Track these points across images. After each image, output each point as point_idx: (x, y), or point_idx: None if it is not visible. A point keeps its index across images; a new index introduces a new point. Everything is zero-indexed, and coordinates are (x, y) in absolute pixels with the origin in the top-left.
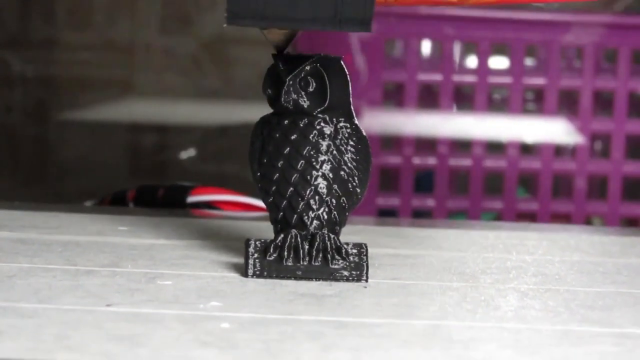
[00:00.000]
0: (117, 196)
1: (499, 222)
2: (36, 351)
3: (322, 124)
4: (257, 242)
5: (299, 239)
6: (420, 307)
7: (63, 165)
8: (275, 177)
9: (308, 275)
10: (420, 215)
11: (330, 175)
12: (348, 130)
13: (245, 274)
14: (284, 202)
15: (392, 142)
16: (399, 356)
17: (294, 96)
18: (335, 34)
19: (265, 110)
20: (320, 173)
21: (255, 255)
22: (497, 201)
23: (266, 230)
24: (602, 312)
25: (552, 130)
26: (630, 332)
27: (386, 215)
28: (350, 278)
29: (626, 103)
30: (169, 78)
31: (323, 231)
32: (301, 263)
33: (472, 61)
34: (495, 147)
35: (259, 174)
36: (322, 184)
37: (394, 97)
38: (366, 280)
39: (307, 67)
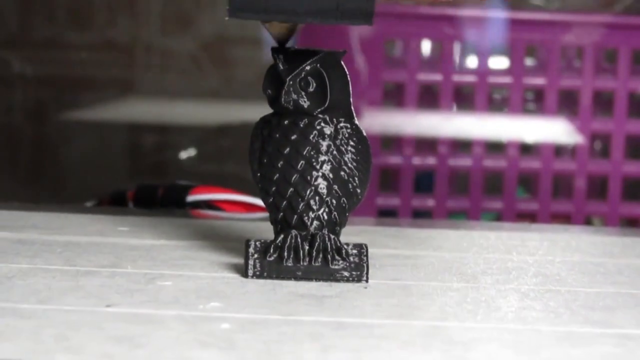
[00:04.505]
0: (117, 196)
1: (499, 222)
2: (36, 352)
3: (322, 124)
4: (257, 243)
5: (299, 240)
6: (421, 308)
7: (63, 165)
8: (275, 177)
9: (308, 275)
10: (420, 216)
11: (331, 175)
12: (348, 130)
13: (245, 274)
14: (284, 203)
15: (392, 142)
16: (399, 357)
17: (294, 96)
18: (336, 32)
19: (265, 110)
20: (320, 173)
21: (256, 255)
22: (497, 201)
23: (266, 230)
24: (603, 313)
25: (552, 130)
26: (631, 333)
27: (386, 215)
28: (351, 278)
29: (626, 103)
30: (169, 78)
31: (323, 232)
32: (301, 264)
33: (472, 61)
34: (495, 147)
35: (259, 174)
36: (322, 184)
37: (394, 97)
38: (366, 281)
39: (307, 67)
